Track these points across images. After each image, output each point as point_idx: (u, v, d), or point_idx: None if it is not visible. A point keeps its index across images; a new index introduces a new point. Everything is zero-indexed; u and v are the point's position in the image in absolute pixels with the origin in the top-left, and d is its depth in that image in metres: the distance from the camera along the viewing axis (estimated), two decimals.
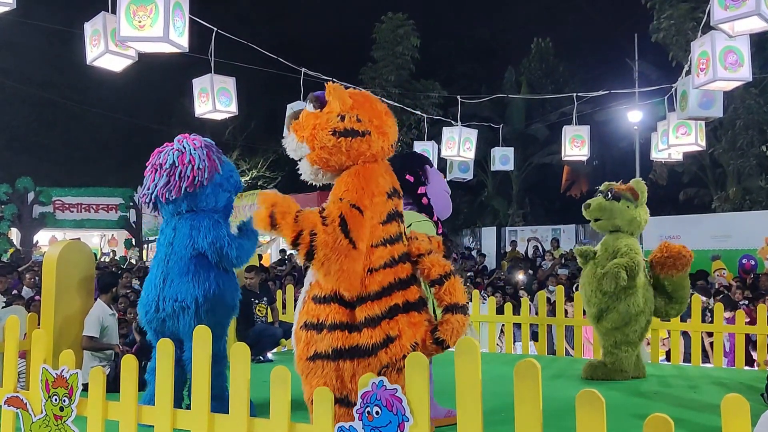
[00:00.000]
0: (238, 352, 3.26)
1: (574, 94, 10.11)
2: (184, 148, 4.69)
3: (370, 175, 3.36)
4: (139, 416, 3.51)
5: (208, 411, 3.34)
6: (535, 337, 8.34)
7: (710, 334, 7.59)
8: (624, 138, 24.49)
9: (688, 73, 6.69)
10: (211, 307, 4.52)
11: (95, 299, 5.98)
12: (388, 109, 3.58)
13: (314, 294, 3.33)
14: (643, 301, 5.99)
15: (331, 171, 3.43)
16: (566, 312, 8.01)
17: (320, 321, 3.25)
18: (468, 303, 3.46)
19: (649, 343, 7.44)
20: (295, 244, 3.16)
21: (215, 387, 3.90)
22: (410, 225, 4.34)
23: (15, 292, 10.12)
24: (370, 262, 3.27)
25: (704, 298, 8.30)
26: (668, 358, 7.32)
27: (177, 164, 4.63)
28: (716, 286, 10.45)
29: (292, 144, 3.45)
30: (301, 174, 3.53)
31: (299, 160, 3.48)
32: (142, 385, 4.16)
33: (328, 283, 3.24)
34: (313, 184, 3.60)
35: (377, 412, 2.80)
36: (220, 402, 3.71)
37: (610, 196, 6.15)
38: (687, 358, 7.32)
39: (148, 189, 4.73)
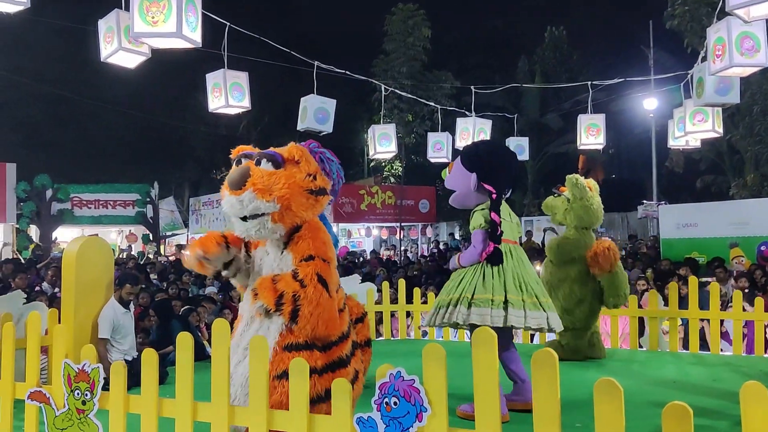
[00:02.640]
0: (256, 345, 3.28)
1: (589, 83, 10.02)
2: None
3: (320, 227, 3.61)
4: (161, 409, 3.55)
5: (228, 403, 3.36)
6: None
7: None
8: (640, 126, 24.38)
9: (704, 59, 6.62)
10: None
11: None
12: None
13: (287, 343, 3.43)
14: (582, 291, 6.42)
15: (288, 228, 3.55)
16: None
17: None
18: None
19: (666, 332, 7.43)
20: (278, 305, 3.36)
21: None
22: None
23: (38, 288, 10.24)
24: (337, 304, 3.56)
25: (723, 289, 8.26)
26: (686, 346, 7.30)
27: None
28: (734, 274, 10.36)
29: (255, 203, 3.41)
30: (240, 231, 3.54)
31: (250, 218, 3.45)
32: (161, 378, 4.21)
33: (316, 335, 3.42)
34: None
35: (395, 403, 2.81)
36: None
37: (556, 194, 6.73)
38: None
39: None
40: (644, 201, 20.16)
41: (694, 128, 8.13)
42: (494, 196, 4.51)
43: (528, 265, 4.63)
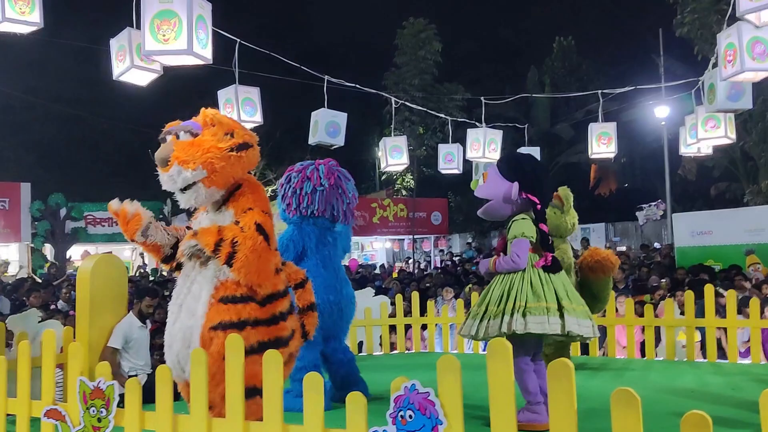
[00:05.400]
0: (270, 359, 3.28)
1: (600, 92, 10.00)
2: None
3: (259, 186, 3.79)
4: (175, 425, 3.55)
5: (243, 418, 3.35)
6: None
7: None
8: (651, 134, 24.26)
9: (715, 65, 6.60)
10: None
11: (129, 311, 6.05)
12: None
13: (223, 296, 3.58)
14: None
15: (224, 189, 3.72)
16: None
17: (241, 319, 3.54)
18: None
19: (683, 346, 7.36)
20: (216, 248, 3.47)
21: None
22: None
23: (53, 306, 10.27)
24: (276, 263, 3.71)
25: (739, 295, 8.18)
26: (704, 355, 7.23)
27: None
28: (752, 282, 10.25)
29: (182, 174, 3.59)
30: (183, 203, 3.71)
31: (186, 189, 3.64)
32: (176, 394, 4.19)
33: (248, 281, 3.56)
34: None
35: (410, 416, 2.79)
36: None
37: None
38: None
39: None
40: (642, 205, 19.76)
41: (707, 135, 8.10)
42: (539, 206, 4.53)
43: (564, 273, 4.67)
